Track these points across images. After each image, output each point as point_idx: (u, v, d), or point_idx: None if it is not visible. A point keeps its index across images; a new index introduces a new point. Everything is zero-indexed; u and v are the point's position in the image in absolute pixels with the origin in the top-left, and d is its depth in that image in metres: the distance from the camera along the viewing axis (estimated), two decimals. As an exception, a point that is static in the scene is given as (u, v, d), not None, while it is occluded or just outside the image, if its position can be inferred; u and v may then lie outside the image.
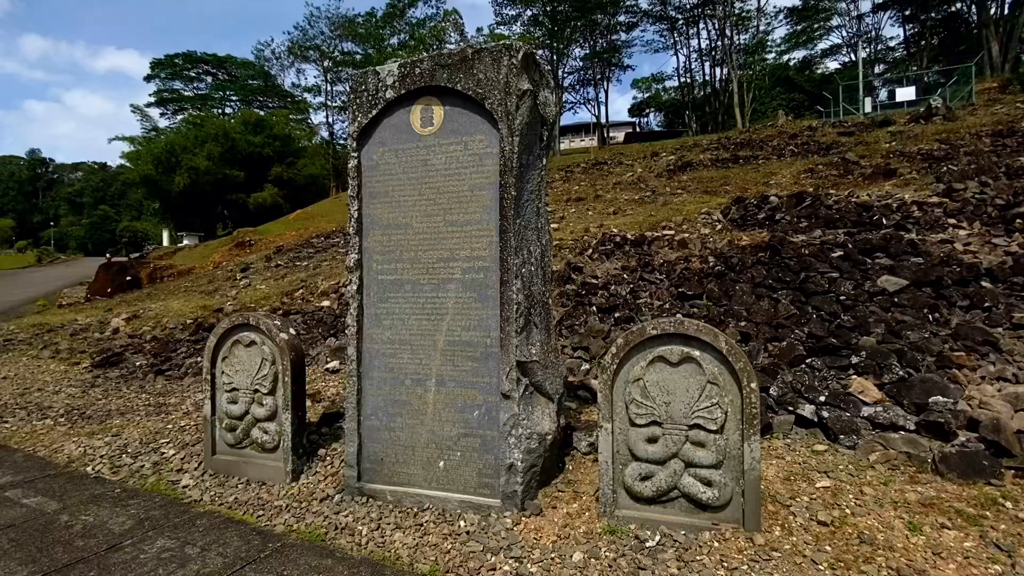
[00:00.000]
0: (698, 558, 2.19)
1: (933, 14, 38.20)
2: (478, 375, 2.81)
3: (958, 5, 36.89)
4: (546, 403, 2.85)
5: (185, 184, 36.32)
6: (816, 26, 44.38)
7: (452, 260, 2.88)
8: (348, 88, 3.13)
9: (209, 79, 52.39)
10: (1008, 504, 2.42)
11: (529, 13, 45.16)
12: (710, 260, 6.18)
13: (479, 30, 49.09)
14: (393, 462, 2.97)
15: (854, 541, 2.22)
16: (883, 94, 23.51)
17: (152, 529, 2.70)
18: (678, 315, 4.99)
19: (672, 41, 49.47)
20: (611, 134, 53.09)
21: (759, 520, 2.35)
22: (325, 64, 45.02)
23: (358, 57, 46.00)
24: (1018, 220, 5.83)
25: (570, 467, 3.06)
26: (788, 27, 45.07)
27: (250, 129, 41.25)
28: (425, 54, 2.93)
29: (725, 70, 45.04)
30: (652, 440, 2.52)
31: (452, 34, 40.51)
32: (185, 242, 34.00)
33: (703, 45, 48.99)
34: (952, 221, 6.26)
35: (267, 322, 3.34)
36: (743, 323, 4.77)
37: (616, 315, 5.30)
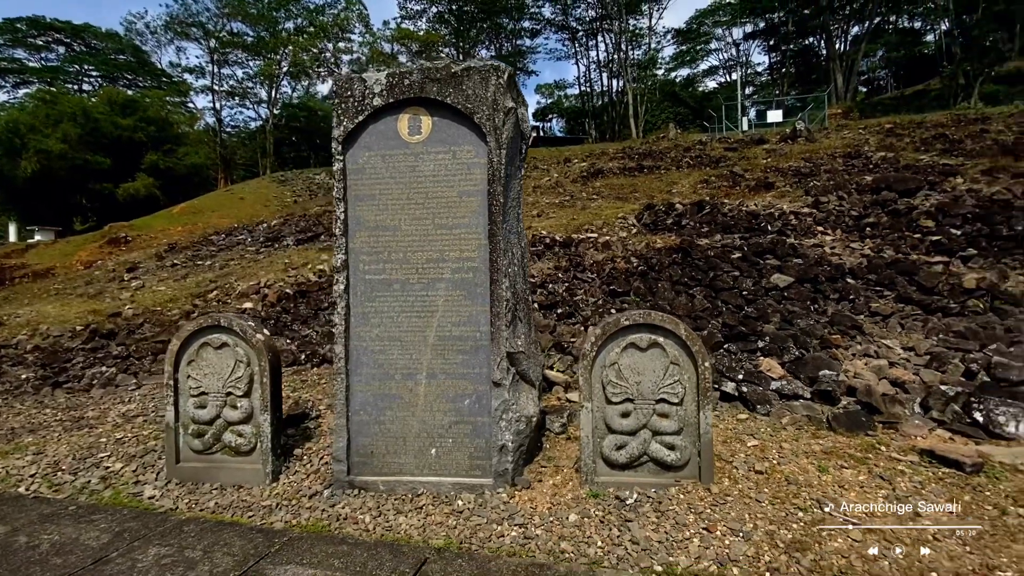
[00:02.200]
0: (670, 508, 2.65)
1: (792, 46, 44.08)
2: (468, 367, 3.06)
3: (811, 39, 42.99)
4: (529, 389, 3.18)
5: (33, 170, 31.24)
6: (698, 48, 49.11)
7: (442, 261, 3.09)
8: (332, 92, 3.20)
9: (62, 49, 45.31)
10: (883, 448, 3.19)
11: (435, 10, 44.95)
12: (633, 261, 6.89)
13: (385, 23, 47.74)
14: (384, 453, 3.11)
15: (783, 483, 2.82)
16: (752, 113, 26.85)
17: (137, 539, 2.61)
18: (610, 310, 5.55)
19: (573, 51, 51.91)
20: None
21: (712, 474, 2.87)
22: (211, 44, 41.06)
23: (249, 39, 42.61)
24: (868, 228, 7.22)
25: (547, 446, 3.41)
26: (675, 47, 49.40)
27: (117, 110, 36.48)
28: (413, 65, 3.08)
29: (621, 82, 48.20)
30: (625, 415, 2.95)
31: (357, 24, 39.10)
32: (38, 237, 29.26)
33: (601, 57, 51.95)
34: (820, 228, 7.56)
35: (241, 322, 3.29)
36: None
37: (558, 311, 5.76)
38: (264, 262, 10.56)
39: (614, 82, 51.52)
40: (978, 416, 3.42)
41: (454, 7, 44.15)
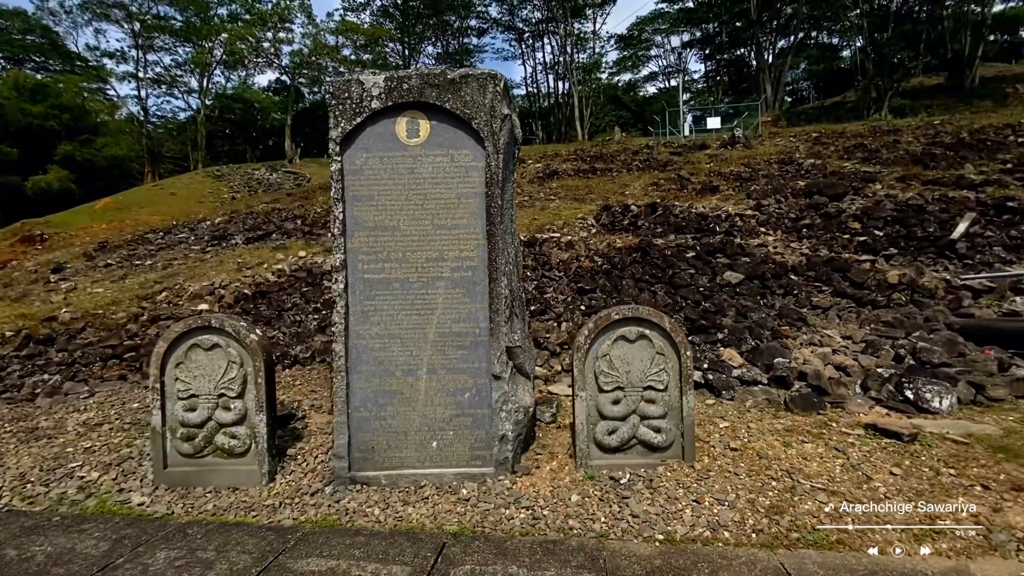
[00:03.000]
0: (661, 485, 2.91)
1: (725, 55, 46.68)
2: (468, 361, 3.19)
3: (742, 50, 45.72)
4: (525, 381, 3.35)
5: (-78, 159, 27.97)
6: (639, 54, 50.91)
7: (441, 260, 3.20)
8: (328, 94, 3.22)
9: (-46, 26, 40.61)
10: (834, 424, 3.62)
11: (379, 3, 44.06)
12: (597, 260, 7.21)
13: (329, 15, 46.23)
14: (385, 448, 3.19)
15: (756, 457, 3.15)
16: (689, 118, 28.33)
17: (139, 545, 2.56)
18: (580, 307, 5.82)
19: (520, 51, 52.40)
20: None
21: (694, 453, 3.17)
22: (134, 27, 38.15)
23: (177, 24, 39.95)
24: (804, 229, 7.92)
25: (540, 434, 3.60)
26: (618, 52, 50.96)
27: (25, 96, 33.26)
28: (413, 71, 3.17)
29: (567, 84, 49.18)
30: (616, 402, 3.18)
31: (298, 15, 37.63)
32: (-69, 235, 26.16)
33: (548, 59, 52.74)
34: (763, 229, 8.21)
35: (233, 323, 3.26)
36: (635, 311, 5.78)
37: (531, 309, 5.96)
38: (213, 262, 10.09)
39: (560, 84, 52.52)
40: (909, 394, 3.94)
41: (399, 1, 43.43)
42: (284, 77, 43.29)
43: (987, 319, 5.14)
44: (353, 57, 41.08)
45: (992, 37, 32.89)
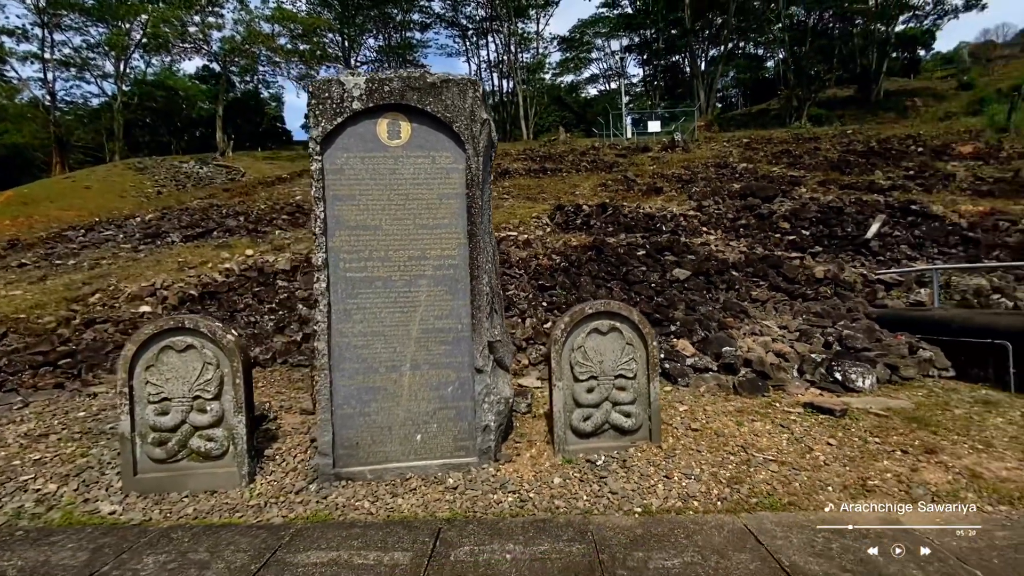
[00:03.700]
0: (634, 464, 3.17)
1: (662, 61, 48.71)
2: (451, 356, 3.31)
3: (677, 57, 47.89)
4: (504, 374, 3.51)
5: None
6: (581, 56, 52.10)
7: (423, 259, 3.30)
8: (308, 93, 3.23)
9: None
10: (777, 404, 4.04)
11: (317, -9, 42.44)
12: (555, 258, 7.47)
13: (264, 1, 43.96)
14: (369, 443, 3.25)
15: (714, 436, 3.48)
16: (628, 120, 29.45)
17: (123, 552, 2.50)
18: (542, 303, 6.05)
19: (464, 48, 52.15)
20: (408, 131, 53.24)
21: (660, 435, 3.46)
22: (39, 3, 34.60)
23: (88, 1, 36.60)
24: (741, 228, 8.56)
25: (517, 424, 3.77)
26: (560, 53, 51.91)
27: (-95, 74, 29.51)
28: (394, 73, 3.23)
29: (511, 84, 49.54)
30: (590, 390, 3.41)
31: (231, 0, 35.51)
32: None
33: (492, 57, 52.86)
34: (705, 229, 8.80)
35: (208, 323, 3.20)
36: (594, 306, 6.08)
37: (495, 305, 6.11)
38: (148, 261, 9.49)
39: (504, 83, 52.83)
40: (838, 376, 4.45)
41: (338, -10, 42.07)
42: (214, 64, 40.80)
43: (898, 309, 5.84)
44: (290, 46, 39.36)
45: (895, 54, 36.37)
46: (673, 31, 43.64)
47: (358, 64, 46.80)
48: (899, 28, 35.37)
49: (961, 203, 8.95)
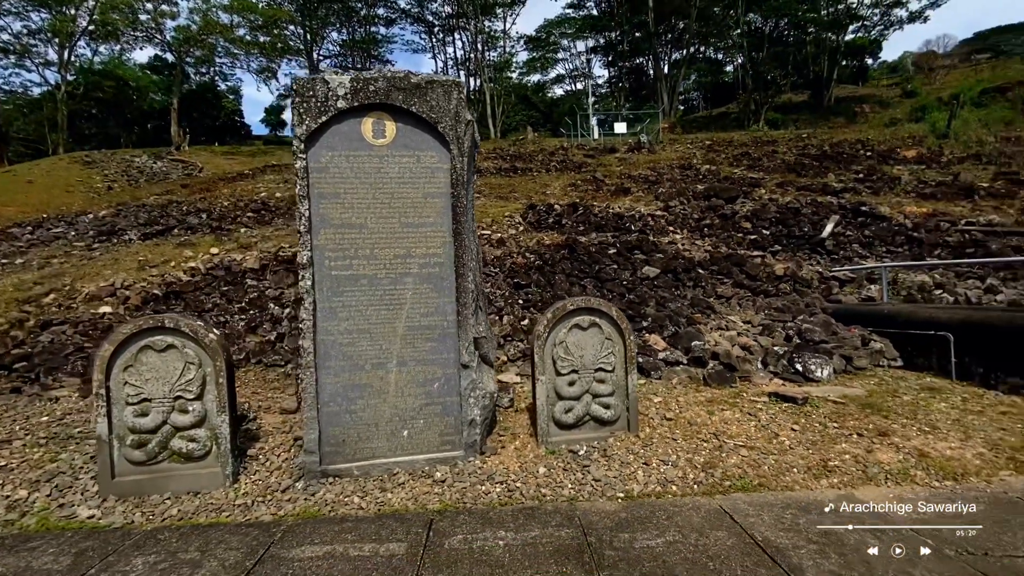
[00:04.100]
0: (614, 453, 3.31)
1: (626, 63, 49.61)
2: (437, 353, 3.37)
3: (641, 60, 48.88)
4: (488, 369, 3.60)
5: None
6: (548, 56, 52.48)
7: (409, 257, 3.35)
8: (292, 91, 3.22)
9: None
10: (744, 394, 4.27)
11: (276, -18, 41.23)
12: (529, 256, 7.59)
13: (217, -11, 42.25)
14: (356, 440, 3.28)
15: (687, 425, 3.67)
16: (594, 121, 29.94)
17: (108, 555, 2.46)
18: (518, 300, 6.16)
19: (431, 45, 51.73)
20: (373, 127, 52.39)
21: (638, 425, 3.62)
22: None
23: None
24: (706, 228, 8.90)
25: (500, 418, 3.86)
26: (527, 52, 52.15)
27: None
28: (378, 73, 3.25)
29: (478, 82, 49.44)
30: (572, 384, 3.54)
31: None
32: None
33: (459, 55, 52.60)
34: (672, 228, 9.10)
35: (189, 322, 3.16)
36: (568, 303, 6.24)
37: (472, 303, 6.18)
38: (105, 259, 9.09)
39: (471, 81, 52.67)
40: (798, 367, 4.73)
41: (300, -19, 41.01)
42: (169, 55, 39.10)
43: (851, 304, 6.23)
44: (249, 38, 38.13)
45: (844, 62, 38.18)
46: (637, 34, 44.50)
47: (320, 58, 45.78)
48: (849, 37, 37.15)
49: (906, 205, 9.58)
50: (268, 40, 38.98)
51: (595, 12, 47.64)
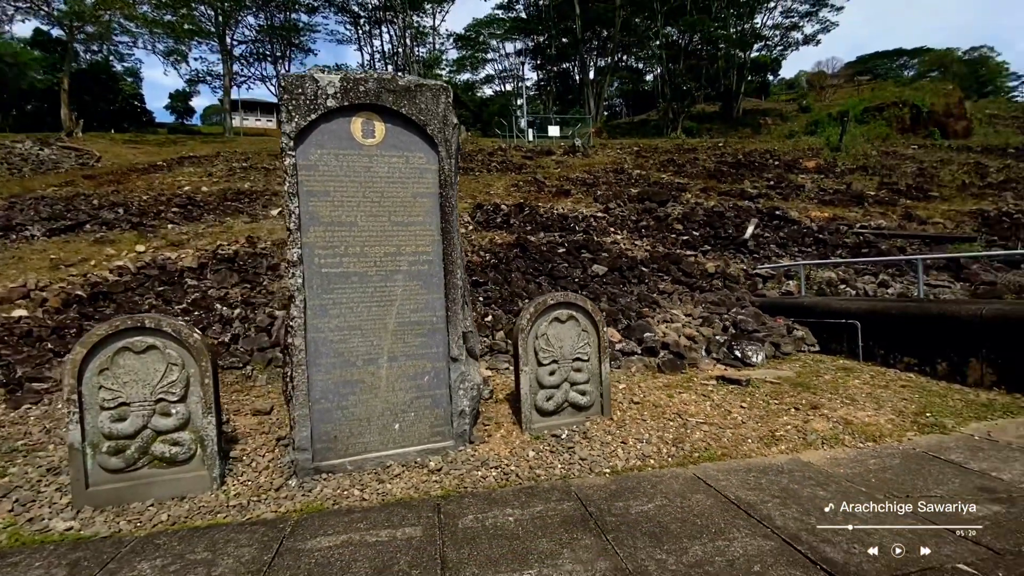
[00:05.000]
0: (594, 435, 3.61)
1: (554, 68, 50.90)
2: (426, 347, 3.49)
3: (567, 65, 50.36)
4: (474, 362, 3.76)
5: None
6: (477, 55, 52.63)
7: (399, 255, 3.44)
8: (281, 87, 3.20)
9: None
10: (694, 379, 4.75)
11: (188, -40, 38.07)
12: (484, 255, 7.78)
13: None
14: (348, 436, 3.32)
15: (653, 407, 4.06)
16: (523, 123, 30.59)
17: (108, 563, 2.37)
18: (478, 298, 6.34)
19: (357, 36, 50.10)
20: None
21: (610, 409, 3.95)
22: None
23: None
24: (643, 229, 9.54)
25: (483, 408, 4.04)
26: (457, 51, 51.99)
27: None
28: (369, 73, 3.30)
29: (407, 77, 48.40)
30: (552, 373, 3.80)
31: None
32: None
33: (386, 48, 51.38)
34: (613, 229, 9.66)
35: (172, 322, 3.06)
36: (527, 300, 6.51)
37: (433, 300, 6.27)
38: (6, 258, 8.12)
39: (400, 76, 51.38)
40: (737, 353, 5.31)
41: (213, -38, 38.14)
42: (57, 30, 34.90)
43: (774, 298, 7.02)
44: (153, 15, 34.91)
45: (750, 77, 41.73)
46: (564, 39, 45.85)
47: (235, 43, 42.88)
48: (754, 55, 40.65)
49: (811, 210, 10.83)
50: (174, 19, 35.90)
51: (524, 15, 48.43)
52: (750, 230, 9.44)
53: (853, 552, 2.22)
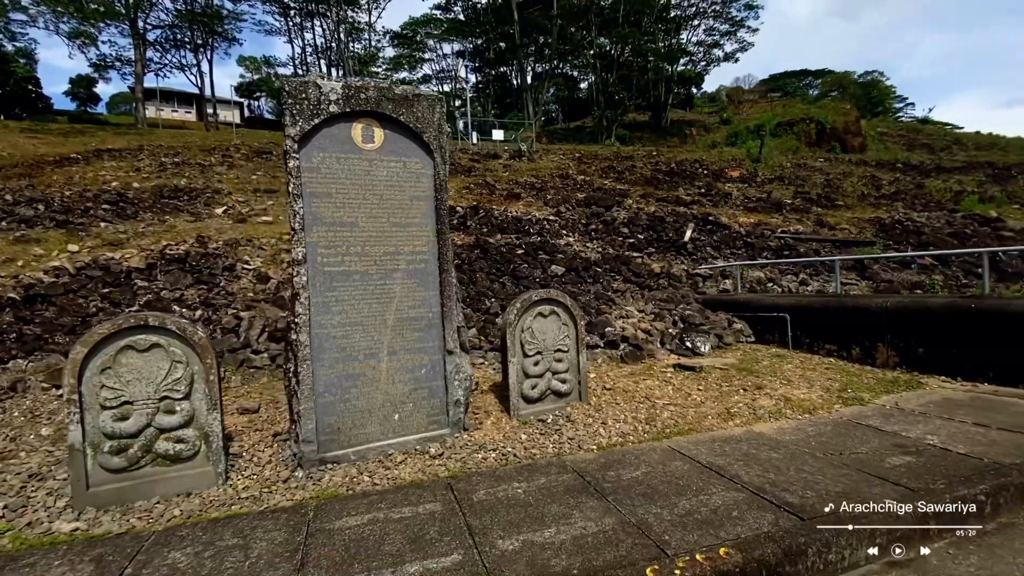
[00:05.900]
0: (576, 418, 3.98)
1: (492, 71, 51.43)
2: (423, 341, 3.71)
3: (505, 68, 51.07)
4: (465, 355, 4.01)
5: None
6: (414, 54, 52.09)
7: (398, 254, 3.63)
8: (284, 92, 3.30)
9: None
10: (654, 367, 5.27)
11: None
12: (446, 254, 7.96)
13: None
14: (351, 427, 3.47)
15: (624, 392, 4.49)
16: (461, 125, 30.85)
17: (137, 555, 2.41)
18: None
19: (286, 28, 48.07)
20: (219, 112, 46.99)
21: (587, 395, 4.34)
22: None
23: None
24: (593, 232, 10.12)
25: (471, 399, 4.29)
26: (393, 49, 51.18)
27: None
28: (369, 81, 3.46)
29: (340, 72, 47.15)
30: (536, 363, 4.13)
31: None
32: None
33: (319, 42, 49.66)
34: (565, 232, 10.16)
35: (176, 320, 3.09)
36: (493, 299, 6.81)
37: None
38: (-93, 258, 7.28)
39: (333, 71, 49.95)
40: (688, 344, 5.90)
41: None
42: (-70, 0, 30.83)
43: (714, 295, 7.77)
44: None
45: (677, 90, 44.43)
46: (503, 44, 46.51)
47: (148, 27, 39.74)
48: (680, 68, 43.28)
49: (739, 216, 11.92)
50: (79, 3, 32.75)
51: (462, 17, 48.58)
52: (688, 233, 10.28)
53: (806, 496, 2.72)
